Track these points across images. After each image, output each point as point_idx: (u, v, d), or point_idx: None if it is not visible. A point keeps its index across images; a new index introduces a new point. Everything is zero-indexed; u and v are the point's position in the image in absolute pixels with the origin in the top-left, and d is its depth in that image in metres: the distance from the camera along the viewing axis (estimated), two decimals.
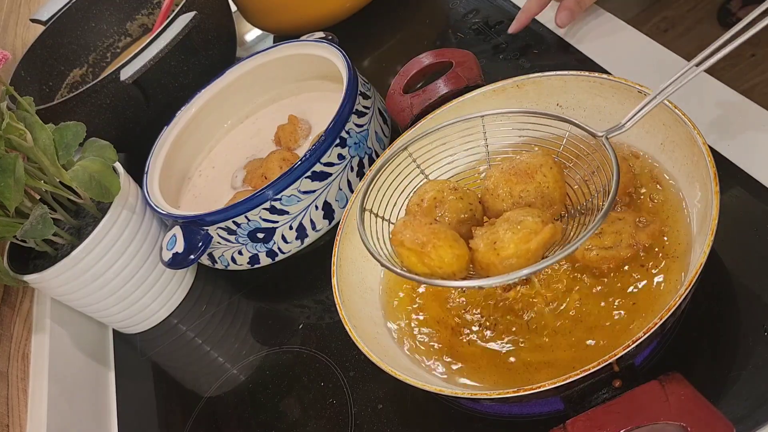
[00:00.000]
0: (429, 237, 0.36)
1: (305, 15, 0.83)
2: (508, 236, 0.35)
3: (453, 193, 0.40)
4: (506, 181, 0.38)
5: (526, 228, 0.35)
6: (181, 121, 0.74)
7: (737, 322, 0.41)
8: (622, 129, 0.40)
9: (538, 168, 0.38)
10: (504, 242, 0.35)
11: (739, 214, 0.46)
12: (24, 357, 0.66)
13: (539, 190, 0.37)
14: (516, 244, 0.34)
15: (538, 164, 0.38)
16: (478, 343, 0.45)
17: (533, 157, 0.40)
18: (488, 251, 0.35)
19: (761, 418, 0.37)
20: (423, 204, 0.40)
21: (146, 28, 0.99)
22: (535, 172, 0.38)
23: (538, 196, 0.38)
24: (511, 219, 0.36)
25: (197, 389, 0.62)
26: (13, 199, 0.53)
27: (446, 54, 0.59)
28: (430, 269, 0.37)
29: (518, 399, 0.37)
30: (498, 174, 0.40)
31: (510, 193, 0.38)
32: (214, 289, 0.69)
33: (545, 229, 0.35)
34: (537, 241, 0.35)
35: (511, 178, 0.38)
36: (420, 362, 0.46)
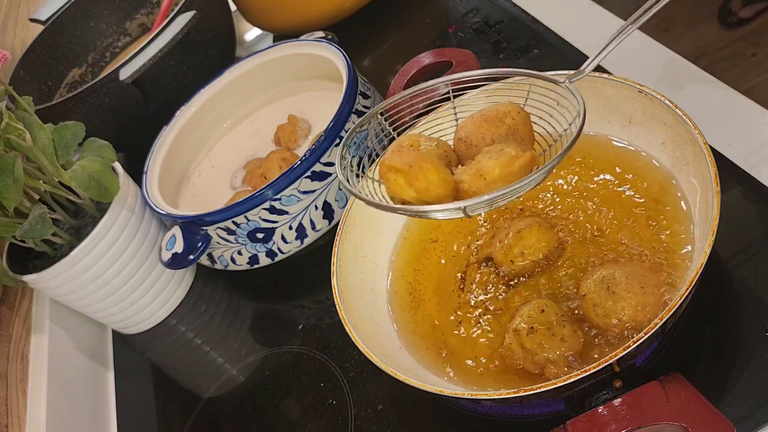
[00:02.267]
0: (416, 159, 0.37)
1: (305, 14, 0.83)
2: (492, 162, 0.36)
3: (428, 141, 0.41)
4: (478, 127, 0.39)
5: (508, 154, 0.36)
6: (181, 121, 0.74)
7: (738, 322, 0.41)
8: (582, 74, 0.41)
9: (507, 113, 0.39)
10: (489, 168, 0.36)
11: (740, 214, 0.45)
12: (23, 357, 0.66)
13: (510, 132, 0.39)
14: (501, 168, 0.36)
15: (506, 110, 0.40)
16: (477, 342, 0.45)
17: (500, 106, 0.41)
18: (475, 179, 0.36)
19: (762, 419, 0.37)
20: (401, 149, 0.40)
21: (145, 28, 0.98)
22: (505, 117, 0.39)
23: (510, 138, 0.39)
24: (492, 150, 0.37)
25: (197, 390, 0.62)
26: (12, 199, 0.53)
27: (446, 53, 0.59)
28: (416, 191, 0.38)
29: (519, 399, 0.37)
30: (469, 123, 0.41)
31: (483, 138, 0.39)
32: (214, 289, 0.69)
33: (526, 153, 0.36)
34: (519, 163, 0.36)
35: (483, 124, 0.39)
36: (420, 363, 0.46)
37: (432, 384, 0.39)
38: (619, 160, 0.48)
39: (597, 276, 0.40)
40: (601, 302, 0.39)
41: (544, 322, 0.41)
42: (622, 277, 0.39)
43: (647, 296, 0.39)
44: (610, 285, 0.39)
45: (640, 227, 0.44)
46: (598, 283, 0.40)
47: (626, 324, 0.39)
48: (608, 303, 0.39)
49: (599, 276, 0.40)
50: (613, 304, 0.39)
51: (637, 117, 0.47)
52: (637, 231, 0.44)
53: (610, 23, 0.64)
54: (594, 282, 0.40)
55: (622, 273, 0.40)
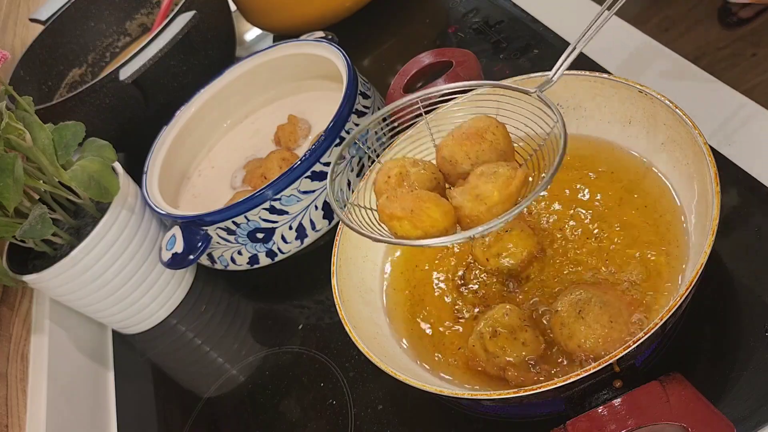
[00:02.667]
0: (415, 202, 0.38)
1: (305, 14, 0.83)
2: (490, 186, 0.37)
3: (414, 166, 0.42)
4: (460, 146, 0.40)
5: (503, 176, 0.37)
6: (181, 121, 0.74)
7: (738, 322, 0.41)
8: (551, 83, 0.42)
9: (486, 129, 0.40)
10: (488, 192, 0.37)
11: (740, 214, 0.45)
12: (23, 357, 0.66)
13: (493, 148, 0.40)
14: (499, 191, 0.37)
15: (485, 126, 0.41)
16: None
17: (476, 121, 0.41)
18: (475, 204, 0.38)
19: (762, 419, 0.37)
20: (390, 180, 0.42)
21: (145, 28, 0.98)
22: (485, 132, 0.40)
23: (494, 153, 0.40)
24: (485, 172, 0.38)
25: (197, 390, 0.62)
26: (12, 199, 0.53)
27: (446, 53, 0.59)
28: (423, 231, 0.39)
29: (519, 399, 0.37)
30: (451, 142, 0.41)
31: (467, 155, 0.40)
32: (214, 289, 0.69)
33: (518, 173, 0.38)
34: (516, 184, 0.37)
35: (465, 142, 0.40)
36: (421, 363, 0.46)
37: (432, 384, 0.39)
38: (619, 162, 0.48)
39: (574, 296, 0.41)
40: (568, 323, 0.40)
41: (507, 325, 0.42)
42: (596, 305, 0.40)
43: (612, 332, 0.39)
44: (582, 310, 0.40)
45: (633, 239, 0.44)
46: (572, 303, 0.40)
47: (584, 351, 0.40)
48: (574, 326, 0.40)
49: (576, 297, 0.41)
50: (578, 328, 0.39)
51: (637, 117, 0.47)
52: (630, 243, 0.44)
53: (610, 23, 0.64)
54: (569, 301, 0.41)
55: (598, 301, 0.40)
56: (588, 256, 0.45)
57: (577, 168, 0.50)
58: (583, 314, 0.39)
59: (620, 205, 0.46)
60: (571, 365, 0.40)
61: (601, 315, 0.39)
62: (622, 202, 0.46)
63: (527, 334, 0.41)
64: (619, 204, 0.46)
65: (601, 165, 0.49)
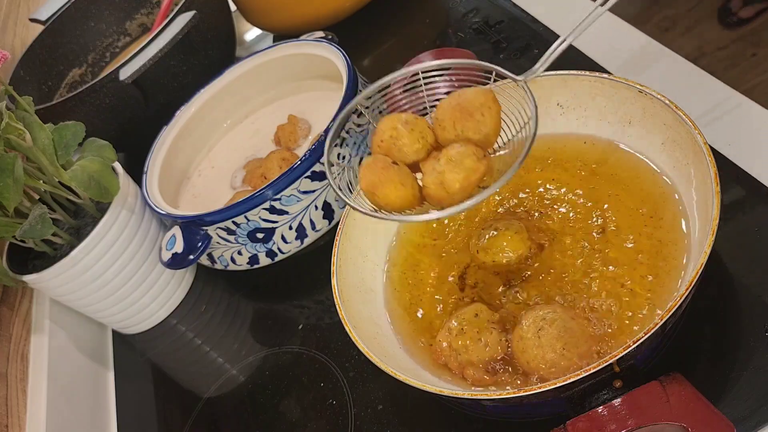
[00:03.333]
0: (379, 179, 0.42)
1: (305, 14, 0.83)
2: (453, 176, 0.41)
3: (405, 126, 0.44)
4: (450, 115, 0.43)
5: (467, 168, 0.41)
6: (181, 121, 0.74)
7: (738, 322, 0.41)
8: (535, 72, 0.45)
9: (479, 107, 0.42)
10: (450, 181, 0.41)
11: (740, 214, 0.45)
12: (23, 357, 0.66)
13: (477, 128, 0.42)
14: (461, 183, 0.41)
15: (479, 103, 0.43)
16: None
17: (477, 96, 0.43)
18: (438, 189, 0.41)
19: (762, 419, 0.37)
20: (382, 144, 0.44)
21: (145, 28, 0.98)
22: (475, 111, 0.42)
23: (476, 134, 0.43)
24: (454, 159, 0.41)
25: (197, 390, 0.62)
26: (12, 199, 0.53)
27: (446, 53, 0.58)
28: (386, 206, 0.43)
29: (519, 399, 0.37)
30: (446, 106, 0.44)
31: (454, 126, 0.43)
32: (214, 289, 0.69)
33: (481, 166, 0.41)
34: (476, 177, 0.41)
35: (456, 114, 0.43)
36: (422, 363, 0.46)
37: (432, 384, 0.39)
38: (619, 162, 0.48)
39: (541, 314, 0.41)
40: (525, 339, 0.41)
41: (475, 325, 0.43)
42: (555, 329, 0.40)
43: (561, 360, 0.39)
44: (542, 329, 0.40)
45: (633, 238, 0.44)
46: (536, 320, 0.41)
47: (532, 370, 0.40)
48: (529, 343, 0.40)
49: (542, 315, 0.41)
50: (532, 347, 0.40)
51: (637, 117, 0.47)
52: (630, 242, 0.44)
53: (611, 23, 0.64)
54: (534, 317, 0.41)
55: (560, 325, 0.40)
56: (586, 257, 0.45)
57: (577, 168, 0.50)
58: (540, 334, 0.40)
59: (619, 204, 0.46)
60: (526, 380, 0.41)
61: (556, 341, 0.40)
62: (621, 202, 0.46)
63: (491, 337, 0.42)
64: (618, 204, 0.46)
65: (601, 165, 0.49)
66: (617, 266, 0.43)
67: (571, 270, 0.45)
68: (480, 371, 0.42)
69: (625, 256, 0.43)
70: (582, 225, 0.47)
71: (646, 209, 0.45)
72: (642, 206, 0.45)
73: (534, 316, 0.41)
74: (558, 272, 0.45)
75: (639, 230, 0.44)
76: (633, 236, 0.44)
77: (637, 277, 0.42)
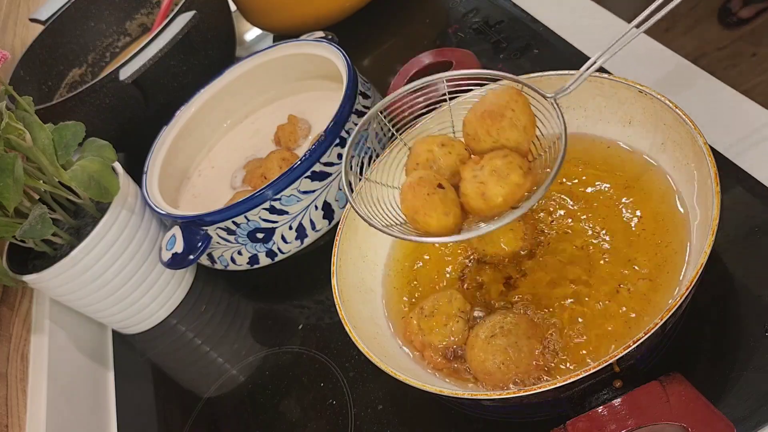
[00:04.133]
0: (424, 204, 0.41)
1: (305, 14, 0.83)
2: (497, 190, 0.40)
3: (441, 149, 0.43)
4: (481, 125, 0.42)
5: (512, 183, 0.39)
6: (181, 121, 0.74)
7: (738, 322, 0.41)
8: (567, 90, 0.43)
9: (507, 105, 0.41)
10: (493, 195, 0.40)
11: (740, 214, 0.45)
12: (23, 357, 0.66)
13: (512, 124, 0.41)
14: (504, 197, 0.40)
15: (506, 102, 0.41)
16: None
17: (497, 95, 0.42)
18: (478, 200, 0.40)
19: (762, 419, 0.37)
20: (419, 168, 0.44)
21: (145, 28, 0.98)
22: (505, 109, 0.41)
23: (514, 130, 0.41)
24: (499, 171, 0.40)
25: (197, 390, 0.62)
26: (12, 199, 0.53)
27: (446, 53, 0.59)
28: (426, 231, 0.42)
29: (519, 399, 0.37)
30: (473, 119, 0.43)
31: (488, 133, 0.42)
32: (214, 289, 0.69)
33: (526, 183, 0.40)
34: (521, 194, 0.40)
35: (486, 121, 0.41)
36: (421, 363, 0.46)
37: (432, 384, 0.39)
38: (619, 162, 0.48)
39: (499, 320, 0.42)
40: (478, 338, 0.42)
41: (445, 311, 0.45)
42: (506, 341, 0.41)
43: (498, 372, 0.40)
44: (494, 337, 0.41)
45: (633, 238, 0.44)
46: (494, 325, 0.42)
47: (473, 369, 0.42)
48: (479, 344, 0.42)
49: (500, 322, 0.42)
50: (479, 349, 0.41)
51: (637, 117, 0.47)
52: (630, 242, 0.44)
53: (611, 23, 0.64)
54: (493, 322, 0.42)
55: (512, 339, 0.41)
56: (585, 258, 0.45)
57: (577, 168, 0.50)
58: (491, 340, 0.41)
59: (620, 204, 0.46)
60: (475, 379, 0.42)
61: (500, 353, 0.41)
62: (622, 202, 0.46)
63: (457, 326, 0.44)
64: (618, 203, 0.46)
65: (601, 165, 0.49)
66: (615, 266, 0.43)
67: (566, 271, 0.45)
68: (438, 354, 0.44)
69: (623, 256, 0.43)
70: (581, 223, 0.47)
71: (646, 209, 0.45)
72: (641, 206, 0.45)
73: (494, 321, 0.42)
74: (555, 273, 0.45)
75: (638, 230, 0.44)
76: (632, 236, 0.44)
77: (636, 278, 0.42)
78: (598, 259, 0.44)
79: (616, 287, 0.42)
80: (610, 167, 0.48)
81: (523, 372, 0.40)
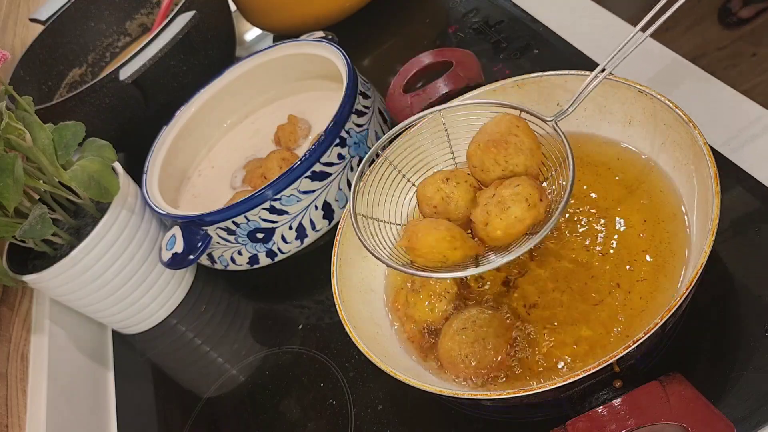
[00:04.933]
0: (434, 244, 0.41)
1: (305, 14, 0.83)
2: (497, 223, 0.40)
3: (448, 184, 0.44)
4: (487, 154, 0.42)
5: (512, 217, 0.40)
6: (181, 121, 0.74)
7: (738, 322, 0.41)
8: (565, 113, 0.43)
9: (508, 132, 0.41)
10: (492, 229, 0.40)
11: (740, 214, 0.45)
12: (23, 357, 0.66)
13: (518, 150, 0.41)
14: (503, 231, 0.40)
15: (507, 128, 0.42)
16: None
17: (497, 124, 0.42)
18: (482, 229, 0.41)
19: (762, 419, 0.37)
20: (437, 209, 0.44)
21: (145, 28, 0.98)
22: (508, 136, 0.41)
23: (520, 155, 0.41)
24: (503, 202, 0.40)
25: (197, 390, 0.62)
26: (12, 199, 0.53)
27: (446, 53, 0.59)
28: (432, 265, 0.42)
29: (519, 399, 0.37)
30: (477, 150, 0.43)
31: (496, 162, 0.42)
32: (214, 289, 0.69)
33: (528, 218, 0.39)
34: (521, 229, 0.40)
35: (491, 149, 0.41)
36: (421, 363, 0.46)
37: (432, 384, 0.39)
38: (618, 162, 0.48)
39: (474, 314, 0.44)
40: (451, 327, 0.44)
41: (431, 289, 0.47)
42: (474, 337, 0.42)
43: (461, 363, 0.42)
44: (465, 329, 0.43)
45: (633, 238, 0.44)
46: (469, 318, 0.44)
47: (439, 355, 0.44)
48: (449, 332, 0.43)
49: (474, 316, 0.43)
50: (448, 337, 0.43)
51: (637, 117, 0.47)
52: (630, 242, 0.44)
53: (610, 23, 0.64)
54: (469, 314, 0.44)
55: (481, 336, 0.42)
56: (584, 258, 0.45)
57: (576, 168, 0.50)
58: (461, 332, 0.42)
59: (619, 204, 0.46)
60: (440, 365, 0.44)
61: (466, 347, 0.42)
62: (622, 202, 0.46)
63: (439, 305, 0.46)
64: (618, 203, 0.46)
65: (600, 165, 0.49)
66: (615, 265, 0.43)
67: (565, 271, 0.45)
68: (417, 328, 0.46)
69: (622, 255, 0.43)
70: (581, 224, 0.47)
71: (646, 209, 0.45)
72: (641, 206, 0.45)
73: (469, 314, 0.44)
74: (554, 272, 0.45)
75: (638, 230, 0.44)
76: (632, 236, 0.44)
77: (635, 278, 0.42)
78: (598, 259, 0.44)
79: (616, 287, 0.42)
80: (609, 167, 0.48)
81: (484, 368, 0.42)
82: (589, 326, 0.42)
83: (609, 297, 0.42)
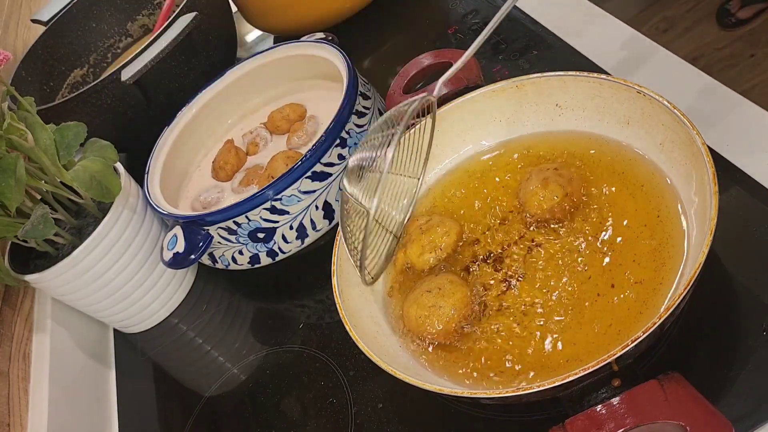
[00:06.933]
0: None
1: (305, 16, 0.83)
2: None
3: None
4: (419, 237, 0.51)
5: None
6: (182, 122, 0.74)
7: (736, 321, 0.41)
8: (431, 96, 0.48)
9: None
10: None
11: (738, 214, 0.46)
12: (25, 357, 0.67)
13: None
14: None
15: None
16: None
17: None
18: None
19: (760, 418, 0.37)
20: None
21: (147, 29, 0.99)
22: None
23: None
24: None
25: (197, 389, 0.62)
26: (14, 199, 0.53)
27: (446, 54, 0.59)
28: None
29: (518, 398, 0.37)
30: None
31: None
32: (215, 288, 0.70)
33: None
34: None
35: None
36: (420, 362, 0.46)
37: (432, 382, 0.40)
38: (617, 162, 0.48)
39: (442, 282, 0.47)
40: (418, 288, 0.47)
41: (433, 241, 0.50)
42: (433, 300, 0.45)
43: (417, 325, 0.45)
44: (429, 292, 0.46)
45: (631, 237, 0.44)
46: (436, 284, 0.47)
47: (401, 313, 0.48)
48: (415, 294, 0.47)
49: (439, 284, 0.47)
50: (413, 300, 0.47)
51: (636, 118, 0.47)
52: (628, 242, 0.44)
53: (609, 24, 0.64)
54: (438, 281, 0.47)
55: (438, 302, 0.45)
56: (584, 258, 0.45)
57: (576, 167, 0.50)
58: (424, 295, 0.46)
59: (617, 204, 0.46)
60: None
61: (421, 308, 0.45)
62: (620, 202, 0.46)
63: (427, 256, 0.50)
64: (616, 203, 0.46)
65: (599, 165, 0.49)
66: (613, 265, 0.43)
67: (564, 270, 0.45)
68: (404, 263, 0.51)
69: (621, 255, 0.44)
70: (579, 222, 0.47)
71: (644, 208, 0.45)
72: (640, 205, 0.45)
73: (439, 281, 0.47)
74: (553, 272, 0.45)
75: (637, 229, 0.44)
76: (631, 235, 0.44)
77: (633, 279, 0.42)
78: (597, 258, 0.44)
79: (614, 287, 0.42)
80: (608, 167, 0.49)
81: (435, 333, 0.45)
82: (583, 328, 0.42)
83: (606, 297, 0.42)
